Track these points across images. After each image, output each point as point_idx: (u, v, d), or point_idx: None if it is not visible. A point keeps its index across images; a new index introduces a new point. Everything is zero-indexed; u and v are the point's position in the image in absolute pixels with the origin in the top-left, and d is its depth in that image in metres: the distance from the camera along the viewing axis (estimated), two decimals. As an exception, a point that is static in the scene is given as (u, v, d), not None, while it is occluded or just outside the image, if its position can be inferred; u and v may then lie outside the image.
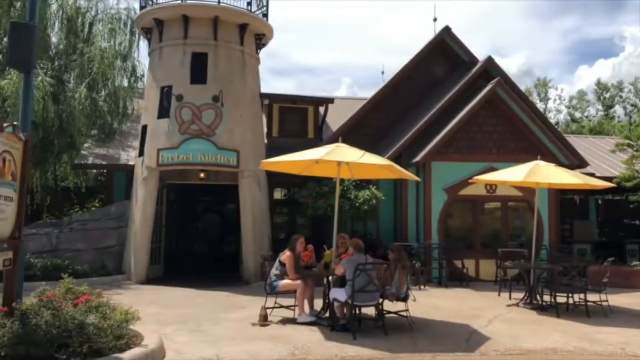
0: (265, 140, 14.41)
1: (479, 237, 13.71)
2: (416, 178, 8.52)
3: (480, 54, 15.20)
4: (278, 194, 15.84)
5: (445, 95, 14.22)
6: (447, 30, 14.88)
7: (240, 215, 12.60)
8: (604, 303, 9.44)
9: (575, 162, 13.97)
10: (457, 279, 12.98)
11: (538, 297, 9.83)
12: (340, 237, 8.43)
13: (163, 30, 12.73)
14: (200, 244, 18.04)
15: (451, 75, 15.23)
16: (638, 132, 15.09)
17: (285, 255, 8.04)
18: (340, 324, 7.40)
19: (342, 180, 12.87)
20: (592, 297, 9.41)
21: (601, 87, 31.34)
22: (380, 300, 7.51)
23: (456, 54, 15.23)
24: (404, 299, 7.73)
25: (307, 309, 8.17)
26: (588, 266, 9.24)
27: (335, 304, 7.40)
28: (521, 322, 8.42)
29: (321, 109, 15.43)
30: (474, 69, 14.29)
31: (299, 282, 7.90)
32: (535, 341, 7.12)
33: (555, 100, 33.12)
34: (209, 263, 15.89)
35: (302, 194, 12.98)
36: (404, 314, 7.80)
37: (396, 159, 14.17)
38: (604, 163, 16.99)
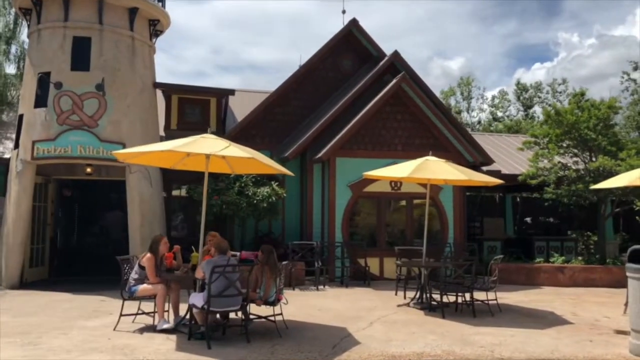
0: (163, 133, 13.56)
1: (384, 235, 13.42)
2: (288, 172, 7.95)
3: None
4: (179, 192, 14.98)
5: (352, 89, 13.84)
6: (354, 22, 14.49)
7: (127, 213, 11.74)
8: (492, 302, 9.26)
9: (480, 159, 13.94)
10: (361, 278, 12.65)
11: (432, 297, 9.54)
12: (210, 236, 7.78)
13: (41, 11, 11.64)
14: (101, 243, 16.94)
15: (360, 69, 14.88)
16: (543, 130, 15.22)
17: (145, 258, 7.32)
18: (200, 332, 6.76)
19: (240, 176, 12.26)
20: (486, 295, 9.22)
21: (520, 87, 32.20)
22: (246, 304, 6.93)
23: (365, 48, 14.87)
24: (273, 302, 7.17)
25: (172, 315, 7.51)
26: (474, 264, 8.98)
27: (194, 309, 6.75)
28: (403, 324, 8.05)
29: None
30: (381, 63, 13.98)
31: (159, 286, 7.20)
32: (406, 345, 6.73)
33: (478, 99, 33.78)
34: (108, 263, 14.86)
35: (198, 191, 12.20)
36: (275, 318, 7.26)
37: (301, 155, 13.74)
38: (513, 161, 17.15)
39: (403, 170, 9.13)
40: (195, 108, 13.92)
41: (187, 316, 7.21)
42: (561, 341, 7.15)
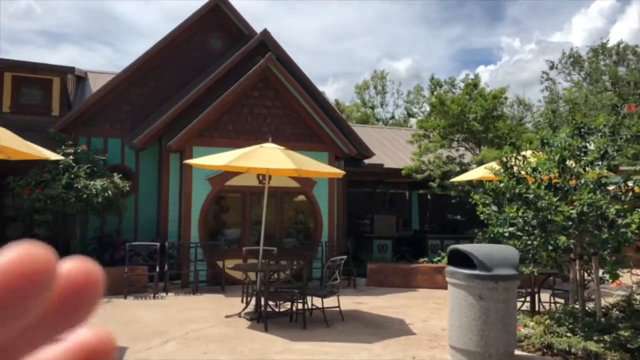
0: (-9, 117, 11.66)
1: (249, 234, 12.04)
2: (54, 156, 6.43)
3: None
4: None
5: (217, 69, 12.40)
6: (220, -4, 13.07)
7: None
8: (335, 309, 8.05)
9: (357, 151, 12.82)
10: (220, 282, 11.23)
11: (265, 305, 8.24)
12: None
13: None
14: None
15: (231, 49, 13.45)
16: (433, 122, 14.34)
17: None
18: None
19: (71, 166, 10.58)
20: (322, 302, 8.00)
21: (434, 82, 31.86)
22: None
23: (237, 27, 13.46)
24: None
25: None
26: (305, 266, 7.76)
27: None
28: (206, 341, 6.68)
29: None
30: (249, 42, 12.60)
31: None
32: (176, 372, 5.37)
33: (393, 94, 33.16)
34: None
35: (21, 183, 10.42)
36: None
37: (159, 143, 12.20)
38: (404, 154, 16.21)
39: (227, 157, 7.77)
40: (35, 88, 12.06)
41: None
42: (380, 358, 5.99)
